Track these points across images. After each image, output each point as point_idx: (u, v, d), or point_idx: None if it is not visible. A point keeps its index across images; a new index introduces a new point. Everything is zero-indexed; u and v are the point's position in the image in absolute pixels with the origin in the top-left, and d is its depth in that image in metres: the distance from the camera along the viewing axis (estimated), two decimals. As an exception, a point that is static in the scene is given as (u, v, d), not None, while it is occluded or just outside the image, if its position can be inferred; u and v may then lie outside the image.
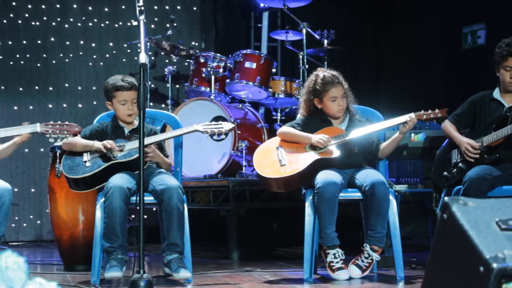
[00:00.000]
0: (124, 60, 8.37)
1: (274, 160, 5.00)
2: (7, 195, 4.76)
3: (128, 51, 8.37)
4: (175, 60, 7.76)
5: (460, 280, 2.01)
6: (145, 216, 6.95)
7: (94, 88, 8.32)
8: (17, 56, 8.19)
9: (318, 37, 7.26)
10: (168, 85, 7.68)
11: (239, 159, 6.81)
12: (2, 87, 8.14)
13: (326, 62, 7.26)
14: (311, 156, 4.93)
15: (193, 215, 4.93)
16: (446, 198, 2.10)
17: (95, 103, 8.28)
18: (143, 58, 3.79)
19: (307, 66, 7.08)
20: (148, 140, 4.81)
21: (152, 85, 8.21)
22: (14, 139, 4.80)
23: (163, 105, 7.94)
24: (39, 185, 8.08)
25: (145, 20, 3.93)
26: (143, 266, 3.77)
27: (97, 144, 4.88)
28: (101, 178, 4.83)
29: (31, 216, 8.12)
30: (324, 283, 4.71)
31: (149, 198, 4.76)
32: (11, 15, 8.20)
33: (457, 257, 2.05)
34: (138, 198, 4.01)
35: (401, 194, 5.45)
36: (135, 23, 3.98)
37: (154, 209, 7.03)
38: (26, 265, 1.52)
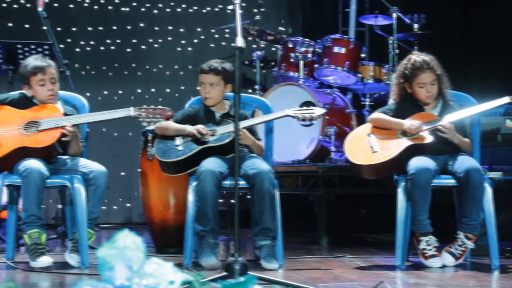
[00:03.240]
0: (212, 45, 8.42)
1: (365, 147, 4.95)
2: (102, 178, 4.86)
3: (216, 36, 8.41)
4: (262, 45, 7.76)
5: None
6: (232, 201, 7.03)
7: (181, 73, 8.42)
8: (107, 41, 8.35)
9: (408, 21, 7.15)
10: (255, 70, 7.69)
11: (328, 144, 6.78)
12: (93, 72, 8.31)
13: (415, 47, 7.14)
14: (403, 143, 4.86)
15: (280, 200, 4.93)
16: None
17: (182, 88, 8.38)
18: (240, 41, 3.78)
19: (397, 51, 6.99)
20: (239, 125, 4.81)
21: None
22: None
23: (249, 90, 7.95)
24: (129, 168, 8.22)
25: (241, 4, 3.93)
26: (238, 249, 3.77)
27: (189, 128, 4.92)
28: (193, 162, 4.87)
29: (121, 199, 8.27)
30: (416, 270, 4.65)
31: (240, 183, 4.77)
32: (102, 1, 8.35)
33: None
34: (231, 182, 4.02)
35: (495, 182, 5.34)
36: (230, 7, 3.98)
37: (240, 193, 7.06)
38: (144, 245, 1.54)
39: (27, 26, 8.17)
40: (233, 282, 1.58)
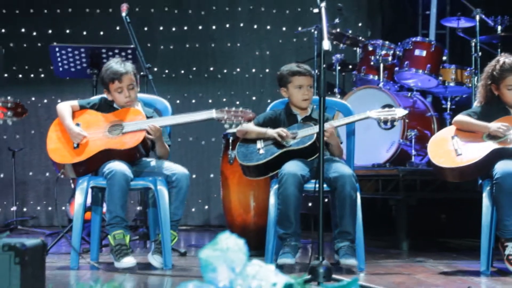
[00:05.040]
0: (290, 48, 8.42)
1: (449, 150, 4.87)
2: (185, 180, 4.91)
3: (294, 40, 8.40)
4: (342, 48, 7.72)
5: None
6: (309, 204, 7.01)
7: (260, 76, 8.45)
8: (187, 45, 8.43)
9: (492, 24, 7.02)
10: (334, 73, 7.65)
11: (408, 148, 6.71)
12: (173, 75, 8.40)
13: (499, 49, 7.01)
14: (489, 146, 4.77)
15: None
16: None
17: (262, 91, 8.39)
18: (326, 45, 3.77)
19: (480, 54, 6.87)
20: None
21: (319, 73, 8.18)
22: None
23: (329, 93, 7.91)
24: (207, 171, 8.28)
25: (326, 7, 3.92)
26: (323, 252, 3.76)
27: (271, 131, 4.93)
28: (274, 165, 4.87)
29: (199, 201, 8.33)
30: (502, 277, 4.56)
31: (322, 186, 4.75)
32: (182, 4, 8.44)
33: None
34: (315, 185, 4.02)
35: None
36: (315, 11, 3.97)
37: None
38: (246, 246, 1.54)
39: (109, 30, 8.30)
40: (336, 285, 1.58)
